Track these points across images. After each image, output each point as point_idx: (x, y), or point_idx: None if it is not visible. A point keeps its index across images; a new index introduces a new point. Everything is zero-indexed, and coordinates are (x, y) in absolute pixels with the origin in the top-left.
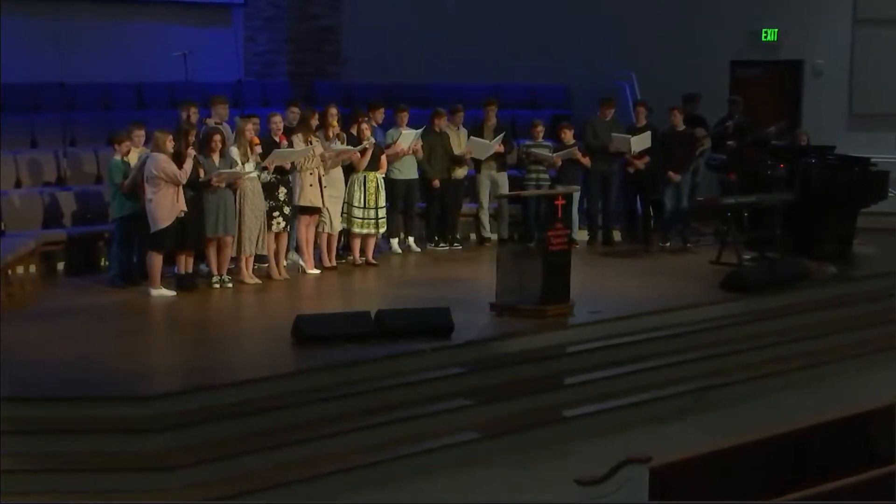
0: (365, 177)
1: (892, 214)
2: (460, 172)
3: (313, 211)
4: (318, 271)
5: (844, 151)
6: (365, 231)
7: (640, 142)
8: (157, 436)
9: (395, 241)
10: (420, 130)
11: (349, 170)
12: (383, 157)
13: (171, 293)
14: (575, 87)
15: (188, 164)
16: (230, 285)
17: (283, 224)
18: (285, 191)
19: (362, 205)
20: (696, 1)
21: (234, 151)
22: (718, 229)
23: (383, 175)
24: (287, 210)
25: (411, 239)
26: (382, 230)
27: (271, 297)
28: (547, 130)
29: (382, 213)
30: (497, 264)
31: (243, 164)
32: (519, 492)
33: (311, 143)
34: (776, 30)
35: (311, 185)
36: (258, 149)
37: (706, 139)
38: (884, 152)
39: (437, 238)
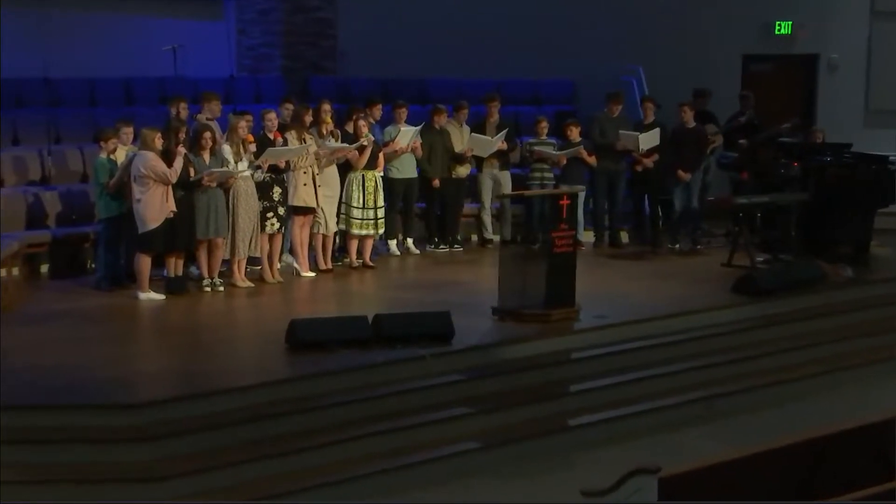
0: (363, 176)
1: None
2: (462, 171)
3: (307, 211)
4: (313, 274)
5: (861, 149)
6: (364, 232)
7: (649, 139)
8: (146, 445)
9: (393, 243)
10: (419, 128)
11: (344, 168)
12: (381, 156)
13: (160, 297)
14: (580, 82)
15: (178, 163)
16: (221, 289)
17: (277, 225)
18: (280, 191)
19: (361, 205)
20: None
21: (227, 149)
22: (730, 230)
23: (381, 174)
24: (282, 211)
25: (410, 240)
26: (381, 231)
27: (264, 301)
28: (551, 127)
29: (381, 213)
30: (499, 267)
31: (236, 162)
32: (522, 503)
33: (306, 141)
34: (790, 22)
35: (304, 185)
36: (252, 147)
37: (717, 137)
38: None
39: (436, 239)
